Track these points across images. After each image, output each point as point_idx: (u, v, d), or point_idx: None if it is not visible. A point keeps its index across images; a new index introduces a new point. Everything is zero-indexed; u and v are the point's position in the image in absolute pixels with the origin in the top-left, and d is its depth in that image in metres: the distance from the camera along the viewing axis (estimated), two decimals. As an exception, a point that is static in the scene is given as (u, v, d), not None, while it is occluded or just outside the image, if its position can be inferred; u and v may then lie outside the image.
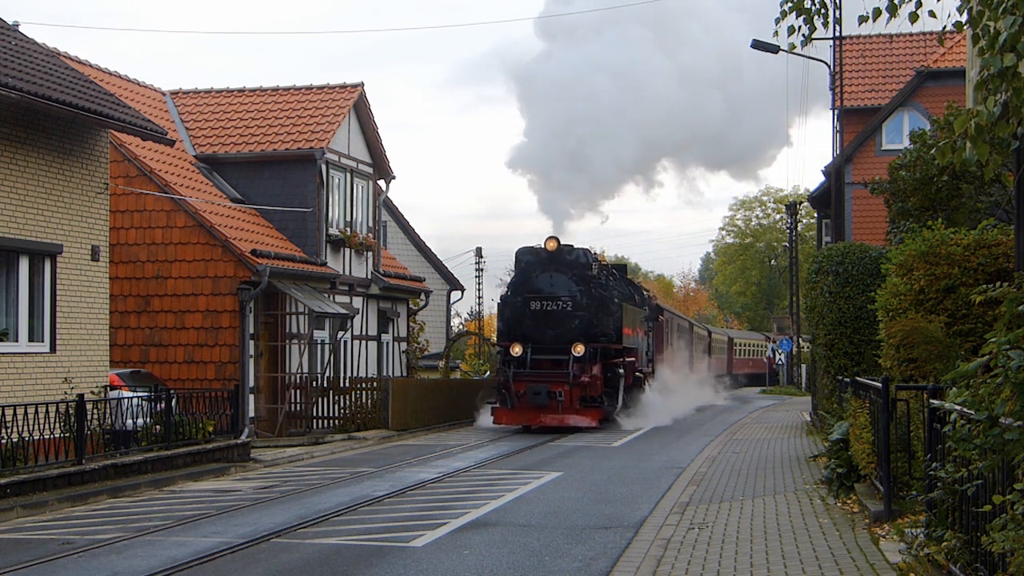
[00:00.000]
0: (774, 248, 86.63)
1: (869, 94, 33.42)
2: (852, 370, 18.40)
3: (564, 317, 27.92)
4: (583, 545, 11.25)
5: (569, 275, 28.30)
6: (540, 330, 27.85)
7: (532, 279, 28.38)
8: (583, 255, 28.93)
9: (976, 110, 6.28)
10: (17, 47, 18.39)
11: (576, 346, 27.28)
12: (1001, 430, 6.03)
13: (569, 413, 27.08)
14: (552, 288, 28.20)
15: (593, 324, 28.07)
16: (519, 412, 27.24)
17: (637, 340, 32.84)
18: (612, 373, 28.72)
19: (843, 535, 10.99)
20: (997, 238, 14.22)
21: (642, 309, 35.19)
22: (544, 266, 28.44)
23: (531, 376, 27.17)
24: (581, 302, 28.05)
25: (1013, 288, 7.19)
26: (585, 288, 28.22)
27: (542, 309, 28.00)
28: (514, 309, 28.27)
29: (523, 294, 28.25)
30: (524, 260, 29.00)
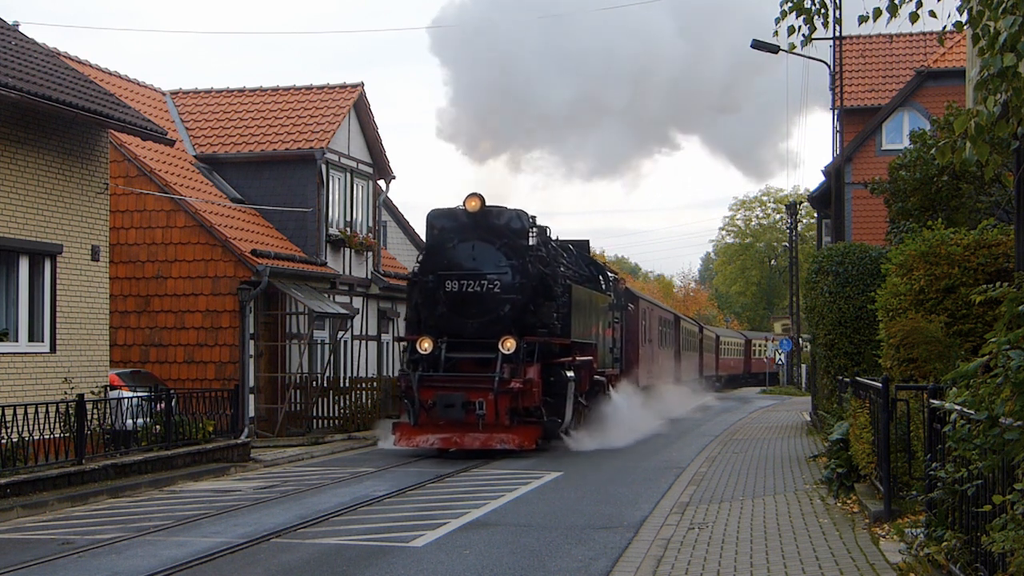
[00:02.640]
0: (774, 248, 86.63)
1: (869, 94, 33.41)
2: (852, 370, 18.41)
3: (490, 302, 21.37)
4: (583, 545, 11.25)
5: (498, 245, 21.63)
6: (458, 319, 21.37)
7: (448, 251, 21.80)
8: (517, 219, 22.06)
9: (976, 110, 6.28)
10: (17, 47, 18.39)
11: (505, 340, 20.64)
12: (1001, 430, 6.03)
13: (494, 431, 20.38)
14: (475, 263, 21.65)
15: (530, 311, 21.46)
16: (426, 430, 20.67)
17: (596, 334, 26.16)
18: (557, 377, 21.80)
19: (843, 535, 10.99)
20: (997, 238, 14.23)
21: (606, 295, 28.27)
22: (464, 233, 21.79)
23: (443, 381, 20.70)
24: (513, 282, 21.45)
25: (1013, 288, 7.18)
26: (519, 263, 21.50)
27: (461, 291, 21.47)
28: (424, 292, 21.76)
29: (436, 271, 21.69)
30: (438, 226, 22.26)
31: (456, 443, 20.55)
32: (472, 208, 21.83)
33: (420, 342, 21.19)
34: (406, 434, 20.80)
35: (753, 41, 26.12)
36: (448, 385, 20.72)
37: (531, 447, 20.61)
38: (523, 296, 21.46)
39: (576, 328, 23.34)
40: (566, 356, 22.64)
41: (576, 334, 23.41)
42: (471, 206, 21.83)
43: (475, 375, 20.74)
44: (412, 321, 22.26)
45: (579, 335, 23.79)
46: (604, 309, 27.69)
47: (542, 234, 22.94)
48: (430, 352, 21.11)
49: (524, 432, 20.67)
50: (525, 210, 22.26)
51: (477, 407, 20.21)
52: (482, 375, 20.62)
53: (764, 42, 24.92)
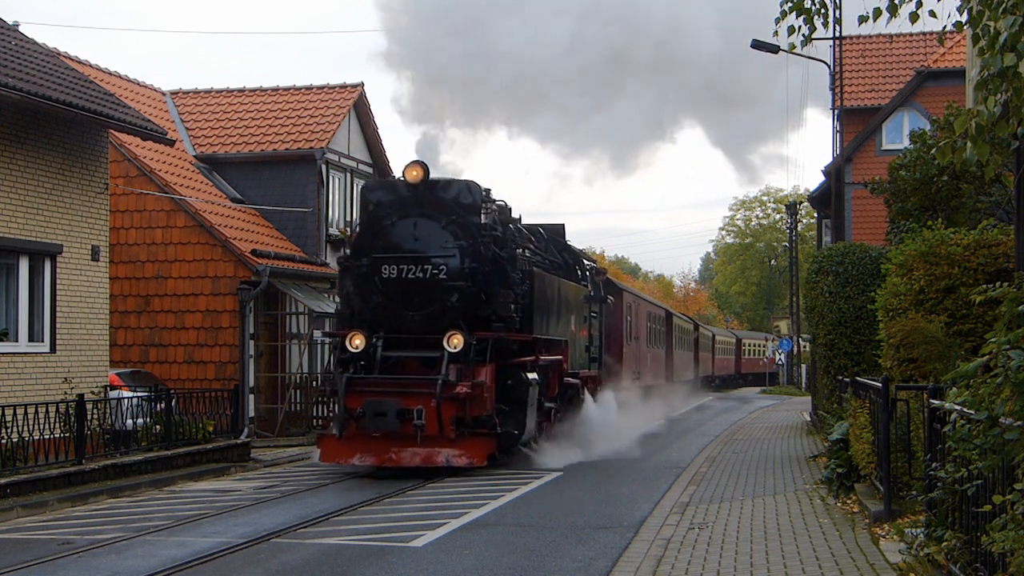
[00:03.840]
0: (774, 248, 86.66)
1: (869, 94, 33.41)
2: (852, 370, 18.41)
3: (435, 290, 17.95)
4: (583, 545, 11.25)
5: (444, 223, 18.12)
6: (397, 311, 17.97)
7: (385, 230, 18.30)
8: (467, 192, 18.70)
9: (976, 110, 6.28)
10: (17, 47, 18.39)
11: (452, 336, 17.38)
12: (1001, 430, 6.04)
13: (438, 445, 17.04)
14: (416, 244, 18.19)
15: (482, 302, 18.10)
16: (356, 444, 17.32)
17: (568, 330, 22.67)
18: (515, 379, 18.40)
19: (843, 535, 10.99)
20: (997, 238, 14.24)
21: (581, 285, 24.73)
22: (404, 209, 18.34)
23: (374, 385, 17.40)
24: (463, 266, 17.96)
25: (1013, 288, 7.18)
26: (470, 244, 18.03)
27: (400, 278, 18.04)
28: (357, 278, 18.36)
29: (370, 254, 18.25)
30: (373, 200, 18.93)
31: (391, 460, 17.20)
32: (413, 179, 18.26)
33: (350, 338, 17.83)
34: (330, 449, 17.48)
35: (753, 41, 26.11)
36: (380, 390, 17.30)
37: (482, 463, 17.20)
38: (474, 283, 17.96)
39: (540, 322, 19.95)
40: (528, 355, 19.03)
41: (541, 329, 19.96)
42: (412, 176, 18.27)
43: (413, 378, 17.43)
44: (344, 314, 18.89)
45: (545, 330, 20.37)
46: (579, 302, 24.21)
47: (501, 212, 19.55)
48: (362, 350, 17.82)
49: (474, 445, 17.19)
50: (477, 181, 18.91)
51: (415, 416, 16.75)
52: (422, 378, 17.27)
53: (764, 42, 24.90)
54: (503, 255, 18.70)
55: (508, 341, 18.37)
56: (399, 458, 17.20)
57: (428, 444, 17.05)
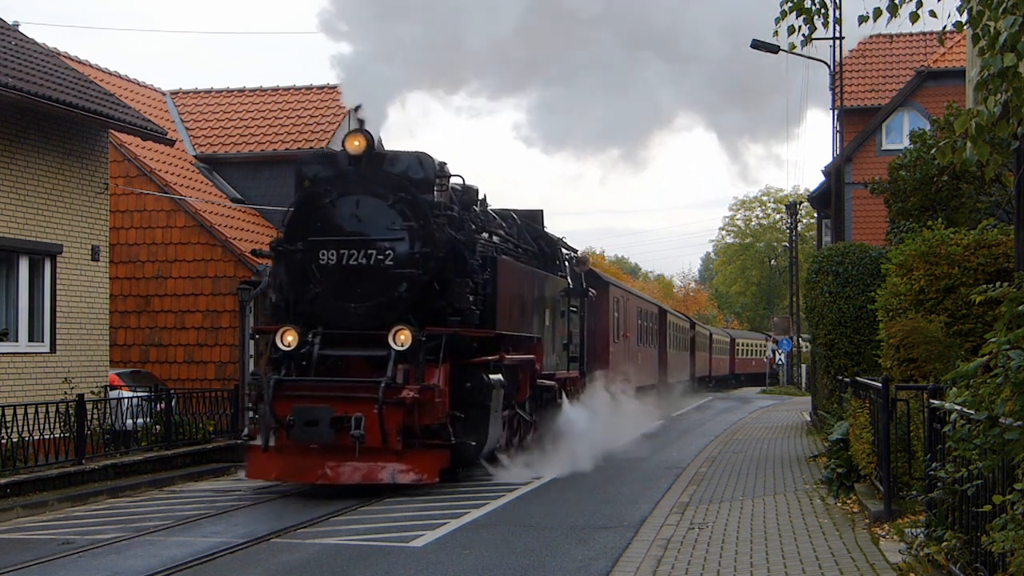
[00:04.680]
0: (774, 248, 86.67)
1: (869, 94, 33.42)
2: (852, 370, 18.41)
3: (381, 279, 15.75)
4: (583, 545, 11.25)
5: (391, 201, 15.84)
6: (337, 303, 15.84)
7: (323, 209, 16.11)
8: (418, 166, 16.41)
9: (976, 110, 6.29)
10: (17, 47, 18.39)
11: (398, 332, 15.18)
12: (1001, 430, 6.04)
13: (381, 459, 14.85)
14: (359, 225, 16.00)
15: (435, 292, 15.95)
16: (286, 457, 15.16)
17: (541, 325, 19.89)
18: (474, 382, 16.06)
19: (843, 535, 10.99)
20: (997, 238, 14.24)
21: (559, 277, 22.00)
22: (346, 185, 16.13)
23: (306, 389, 15.19)
24: (412, 252, 15.75)
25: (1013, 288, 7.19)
26: (421, 225, 15.81)
27: (340, 265, 15.90)
28: (292, 266, 16.18)
29: (307, 237, 16.08)
30: (310, 175, 16.61)
31: (326, 477, 14.95)
32: (355, 150, 16.04)
33: (281, 334, 15.64)
34: (257, 464, 15.30)
35: (753, 41, 26.11)
36: (313, 394, 15.05)
37: (433, 480, 14.96)
38: (426, 271, 15.72)
39: (506, 316, 17.29)
40: (490, 353, 16.62)
41: (506, 324, 17.32)
42: (353, 147, 16.05)
43: (352, 381, 15.21)
44: (278, 307, 16.50)
45: (512, 325, 17.69)
46: (556, 295, 21.49)
47: (466, 192, 17.53)
48: (295, 348, 15.56)
49: (424, 459, 14.97)
50: (430, 154, 16.62)
51: (353, 425, 14.50)
52: (362, 381, 15.07)
53: (764, 42, 24.89)
54: (460, 238, 16.39)
55: (466, 337, 16.03)
56: (336, 474, 14.93)
57: (370, 458, 14.78)
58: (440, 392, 15.23)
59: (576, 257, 24.95)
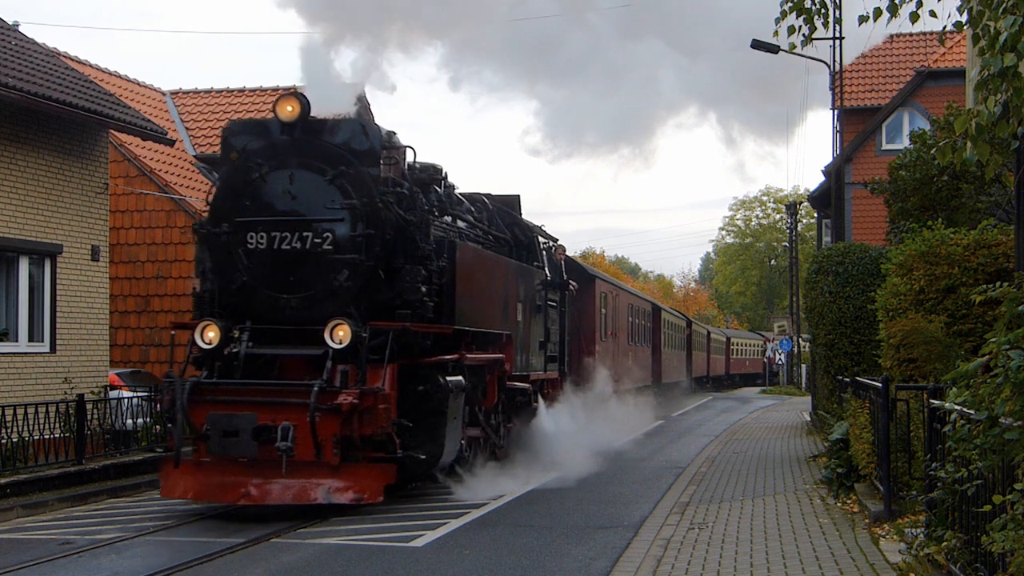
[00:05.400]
0: (774, 248, 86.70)
1: (869, 94, 33.42)
2: (852, 370, 18.42)
3: (317, 265, 13.81)
4: (583, 545, 11.25)
5: (331, 176, 13.80)
6: (267, 293, 13.90)
7: (252, 186, 14.09)
8: (362, 135, 14.29)
9: (976, 110, 6.29)
10: (17, 47, 18.40)
11: (337, 328, 13.25)
12: (1001, 430, 6.04)
13: (315, 475, 12.88)
14: (294, 204, 13.95)
15: (381, 281, 13.89)
16: (202, 475, 13.21)
17: (511, 321, 17.57)
18: (428, 385, 14.03)
19: (843, 535, 10.99)
20: (997, 238, 14.24)
21: (533, 267, 19.74)
22: (278, 157, 14.08)
23: (227, 393, 13.27)
24: (354, 234, 13.73)
25: (1013, 288, 7.19)
26: (365, 204, 13.76)
27: (271, 249, 13.88)
28: (217, 251, 14.20)
29: (232, 218, 14.08)
30: (238, 146, 14.53)
31: (250, 497, 12.88)
32: (288, 116, 14.00)
33: (201, 330, 13.73)
34: (169, 480, 13.36)
35: (753, 41, 26.10)
36: (235, 399, 13.10)
37: (376, 499, 12.89)
38: (370, 256, 13.69)
39: (467, 309, 15.23)
40: (447, 352, 14.57)
41: (468, 318, 15.26)
42: (286, 113, 14.00)
43: (280, 385, 13.26)
44: (203, 298, 14.38)
45: (474, 320, 15.59)
46: (531, 288, 19.21)
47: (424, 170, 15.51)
48: (216, 345, 13.64)
49: (365, 475, 12.92)
50: (375, 122, 14.77)
51: (279, 435, 12.58)
52: (293, 384, 13.14)
53: (764, 42, 24.89)
54: (411, 219, 14.15)
55: (417, 334, 13.74)
56: (261, 494, 12.88)
57: (302, 474, 12.82)
58: (384, 397, 13.02)
59: (553, 245, 22.18)
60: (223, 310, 14.10)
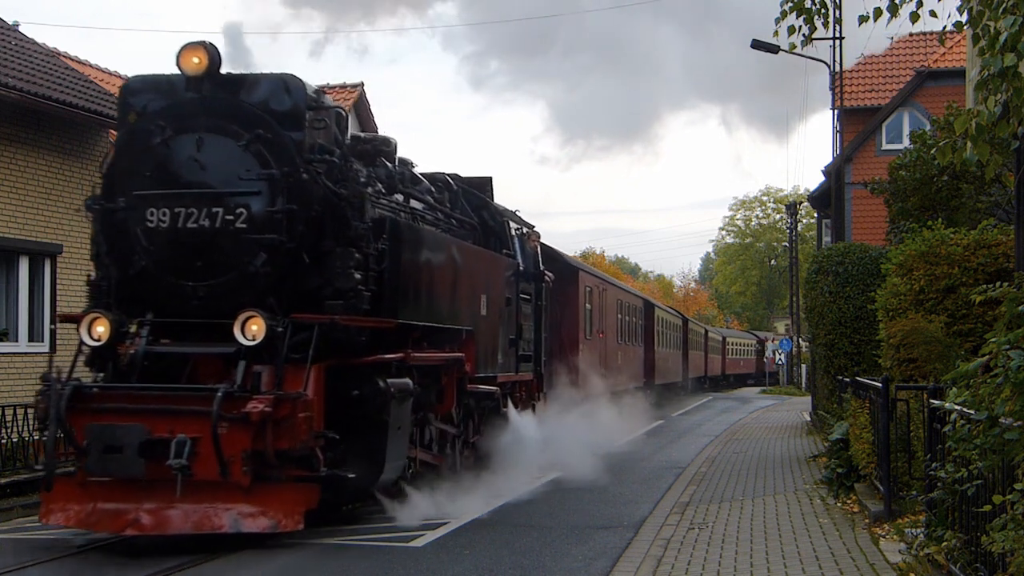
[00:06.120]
0: (774, 248, 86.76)
1: (869, 94, 33.42)
2: (852, 370, 18.42)
3: (230, 247, 11.70)
4: (583, 545, 11.25)
5: (246, 141, 11.69)
6: (169, 280, 11.82)
7: (153, 153, 11.88)
8: (283, 93, 12.10)
9: (976, 110, 6.30)
10: (17, 47, 18.41)
11: (249, 321, 11.18)
12: (1001, 430, 6.04)
13: (220, 498, 10.81)
14: (202, 175, 11.79)
15: (306, 266, 11.81)
16: (85, 497, 11.10)
17: (472, 314, 15.25)
18: (365, 389, 11.81)
19: (843, 535, 10.99)
20: (997, 238, 14.24)
21: (502, 255, 17.50)
22: (183, 119, 11.92)
23: (114, 399, 11.13)
24: (273, 211, 11.65)
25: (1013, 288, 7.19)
26: (286, 175, 11.66)
27: (175, 228, 11.73)
28: (111, 230, 12.04)
29: (130, 191, 11.89)
30: (138, 106, 12.31)
31: (140, 526, 10.77)
32: (194, 68, 11.84)
33: (90, 324, 11.77)
34: (47, 503, 11.24)
35: (753, 41, 26.11)
36: (126, 407, 10.95)
37: (295, 526, 10.76)
38: (292, 236, 11.60)
39: (414, 300, 13.06)
40: (391, 350, 12.31)
41: (414, 311, 13.02)
42: (192, 65, 11.83)
43: (178, 390, 11.15)
44: (99, 286, 12.37)
45: (423, 313, 13.36)
46: (501, 278, 17.02)
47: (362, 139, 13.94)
48: (107, 342, 11.61)
49: (279, 498, 10.83)
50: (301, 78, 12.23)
51: (172, 451, 10.50)
52: (192, 389, 11.10)
53: (764, 42, 24.91)
54: (342, 193, 12.03)
55: (350, 328, 11.57)
56: (155, 522, 10.74)
57: (205, 497, 10.73)
58: (305, 403, 10.88)
59: (527, 232, 19.77)
60: (120, 301, 12.02)
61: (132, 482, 10.91)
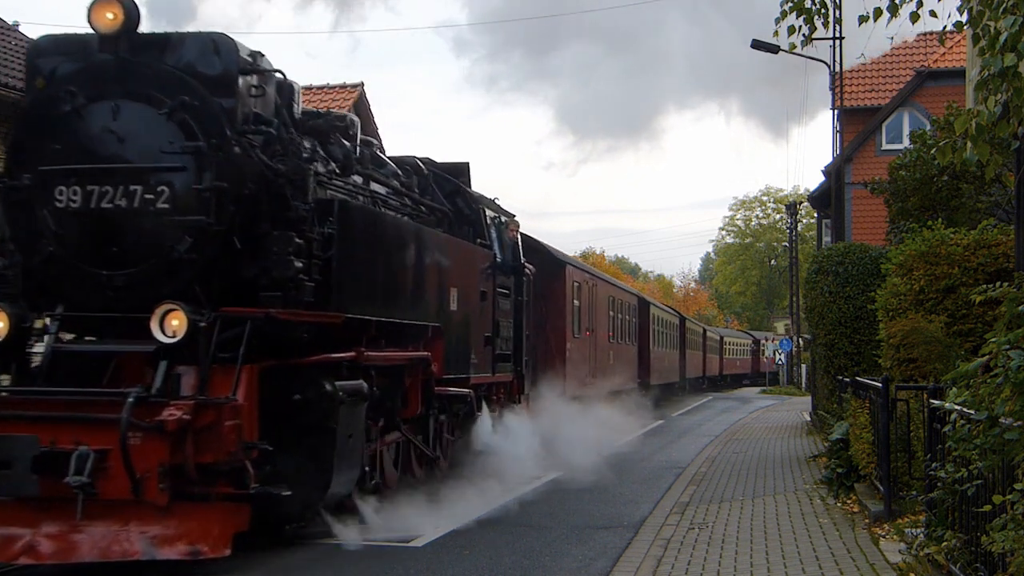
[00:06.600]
0: (774, 248, 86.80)
1: (869, 94, 33.43)
2: (852, 370, 18.42)
3: (149, 231, 10.27)
4: (583, 545, 11.25)
5: (167, 108, 10.16)
6: (81, 268, 10.39)
7: (63, 123, 10.44)
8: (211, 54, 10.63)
9: (976, 110, 6.30)
10: (17, 47, 18.40)
11: (168, 315, 9.71)
12: (1001, 430, 6.04)
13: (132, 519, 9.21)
14: (119, 147, 10.30)
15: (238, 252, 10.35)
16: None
17: (440, 309, 13.90)
18: (309, 393, 10.27)
19: (843, 535, 10.99)
20: (997, 238, 14.24)
21: (474, 245, 16.11)
22: (97, 83, 10.39)
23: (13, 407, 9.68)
24: (200, 189, 10.12)
25: (1013, 288, 7.19)
26: (214, 148, 10.16)
27: (87, 208, 10.26)
28: (15, 211, 10.57)
29: (37, 166, 10.41)
30: (46, 69, 10.87)
31: (36, 554, 9.23)
32: (108, 25, 10.38)
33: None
34: None
35: (753, 41, 26.12)
36: (16, 415, 9.49)
37: (221, 551, 9.33)
38: (221, 219, 10.16)
39: (370, 292, 11.67)
40: (335, 348, 10.80)
41: (370, 304, 11.60)
42: (105, 21, 10.37)
43: (82, 395, 9.64)
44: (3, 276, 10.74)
45: (382, 307, 11.95)
46: (475, 271, 15.75)
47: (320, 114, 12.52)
48: (6, 339, 10.16)
49: (202, 519, 9.40)
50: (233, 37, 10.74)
51: (72, 467, 9.02)
52: (98, 395, 9.59)
53: (764, 42, 24.91)
54: (280, 168, 10.61)
55: (289, 323, 10.18)
56: (57, 549, 9.21)
57: (114, 518, 9.24)
58: (233, 410, 9.46)
59: (506, 220, 18.28)
60: (26, 292, 10.52)
61: (29, 503, 9.32)
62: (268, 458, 9.93)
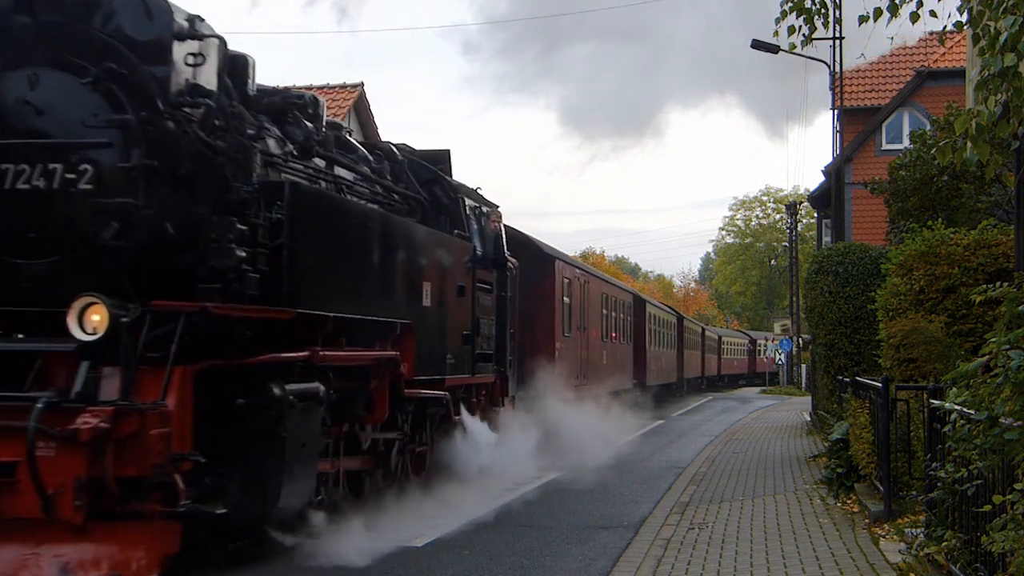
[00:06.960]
0: (774, 248, 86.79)
1: (869, 94, 33.43)
2: (852, 370, 18.43)
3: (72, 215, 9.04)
4: (583, 545, 11.25)
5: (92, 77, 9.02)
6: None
7: None
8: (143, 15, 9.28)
9: (976, 110, 6.30)
10: (17, 47, 18.36)
11: (90, 310, 8.48)
12: (1001, 430, 6.04)
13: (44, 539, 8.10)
14: (37, 120, 9.11)
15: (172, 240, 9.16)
16: None
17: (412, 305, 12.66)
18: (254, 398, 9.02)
19: (843, 535, 10.99)
20: (997, 238, 14.24)
21: (451, 236, 14.77)
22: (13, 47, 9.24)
23: None
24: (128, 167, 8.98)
25: (1013, 288, 7.19)
26: (144, 121, 9.03)
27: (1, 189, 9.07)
28: None
29: None
30: None
31: None
32: None
33: None
34: None
35: (753, 41, 26.11)
36: None
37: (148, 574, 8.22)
38: (152, 201, 9.12)
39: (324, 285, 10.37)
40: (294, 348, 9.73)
41: (324, 299, 10.32)
42: None
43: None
44: None
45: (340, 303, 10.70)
46: (453, 264, 14.49)
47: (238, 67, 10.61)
48: None
49: (125, 539, 8.31)
50: None
51: None
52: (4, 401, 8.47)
53: (764, 42, 24.90)
54: (219, 146, 9.43)
55: (229, 319, 9.07)
56: None
57: (18, 540, 8.23)
58: (161, 416, 8.37)
59: (487, 211, 17.07)
60: None
61: None
62: (205, 471, 8.78)
